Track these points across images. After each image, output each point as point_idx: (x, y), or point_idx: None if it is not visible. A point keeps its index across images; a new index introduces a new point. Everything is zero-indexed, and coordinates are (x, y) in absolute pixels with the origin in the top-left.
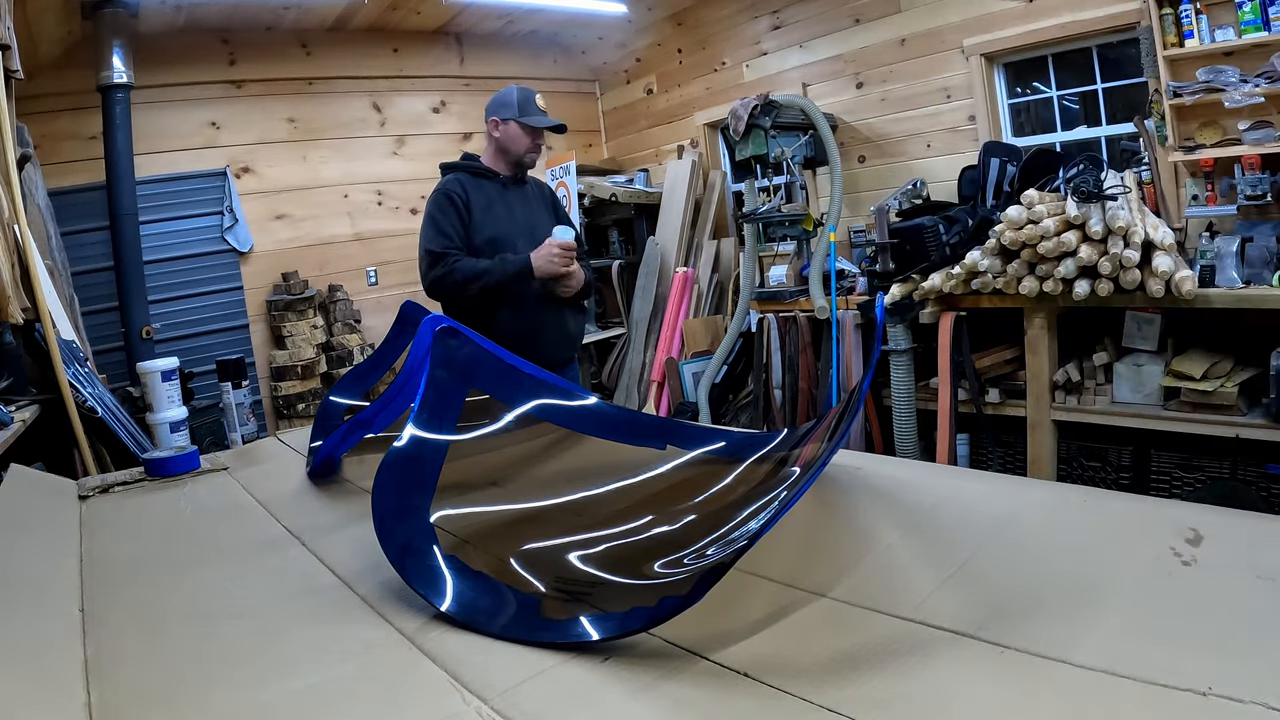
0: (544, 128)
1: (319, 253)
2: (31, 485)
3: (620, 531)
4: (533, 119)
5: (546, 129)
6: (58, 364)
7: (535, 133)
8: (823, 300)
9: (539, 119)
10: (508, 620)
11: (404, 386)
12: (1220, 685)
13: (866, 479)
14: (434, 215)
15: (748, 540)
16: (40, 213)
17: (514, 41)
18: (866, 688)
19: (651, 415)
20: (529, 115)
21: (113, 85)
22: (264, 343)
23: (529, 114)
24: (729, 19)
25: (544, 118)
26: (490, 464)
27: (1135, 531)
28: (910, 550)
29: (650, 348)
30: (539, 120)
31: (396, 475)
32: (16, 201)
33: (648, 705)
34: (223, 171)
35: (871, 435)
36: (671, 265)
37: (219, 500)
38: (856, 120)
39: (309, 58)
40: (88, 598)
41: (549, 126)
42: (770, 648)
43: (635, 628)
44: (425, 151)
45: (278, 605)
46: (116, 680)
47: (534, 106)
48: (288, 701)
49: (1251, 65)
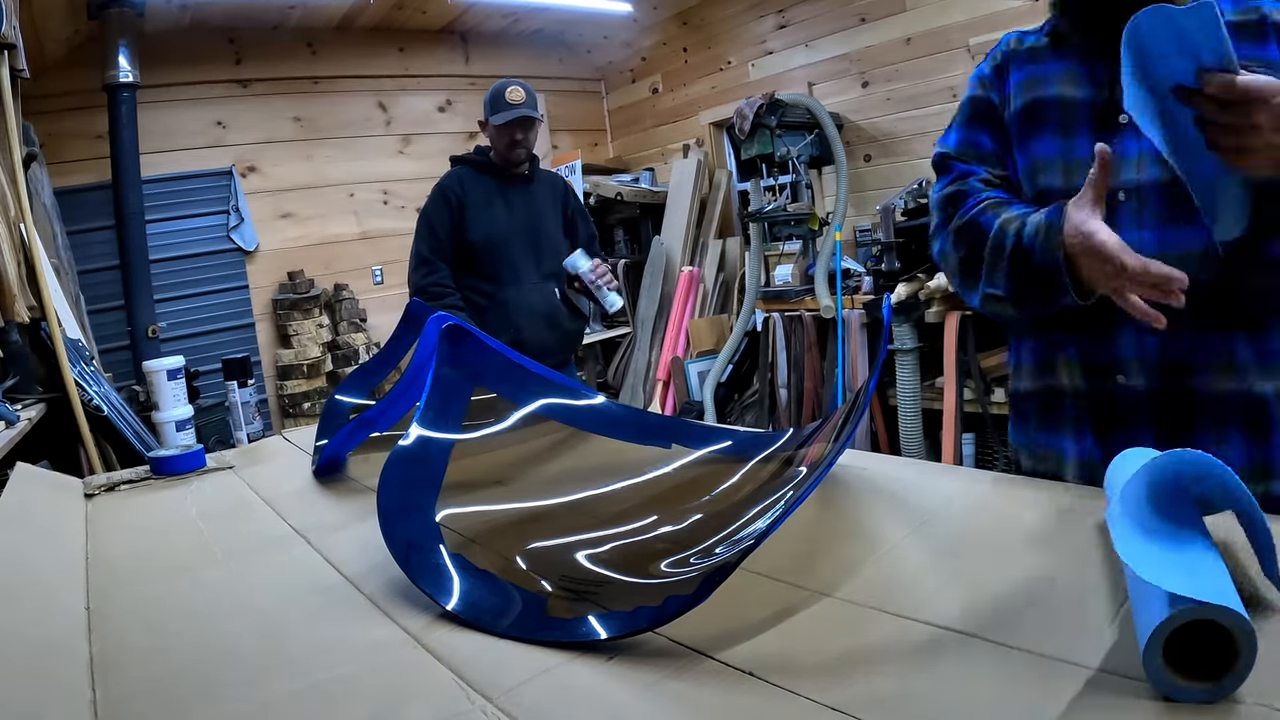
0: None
1: (324, 252)
2: (37, 483)
3: (626, 530)
4: (498, 115)
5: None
6: (64, 363)
7: (509, 128)
8: (828, 299)
9: (503, 115)
10: (513, 619)
11: (409, 385)
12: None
13: (872, 479)
14: (429, 214)
15: (754, 540)
16: (46, 211)
17: (519, 40)
18: (871, 687)
19: (657, 414)
20: (497, 112)
21: (118, 84)
22: (270, 341)
23: (498, 110)
24: (734, 18)
25: (507, 112)
26: (496, 463)
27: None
28: (915, 550)
29: (656, 347)
30: (502, 117)
31: (402, 474)
32: (23, 200)
33: (652, 703)
34: (228, 170)
35: (877, 435)
36: (677, 264)
37: (225, 498)
38: (862, 119)
39: (314, 57)
40: (93, 596)
41: (508, 120)
42: (775, 647)
43: (641, 627)
44: (431, 151)
45: (283, 604)
46: (122, 678)
47: (503, 102)
48: (293, 700)
49: None
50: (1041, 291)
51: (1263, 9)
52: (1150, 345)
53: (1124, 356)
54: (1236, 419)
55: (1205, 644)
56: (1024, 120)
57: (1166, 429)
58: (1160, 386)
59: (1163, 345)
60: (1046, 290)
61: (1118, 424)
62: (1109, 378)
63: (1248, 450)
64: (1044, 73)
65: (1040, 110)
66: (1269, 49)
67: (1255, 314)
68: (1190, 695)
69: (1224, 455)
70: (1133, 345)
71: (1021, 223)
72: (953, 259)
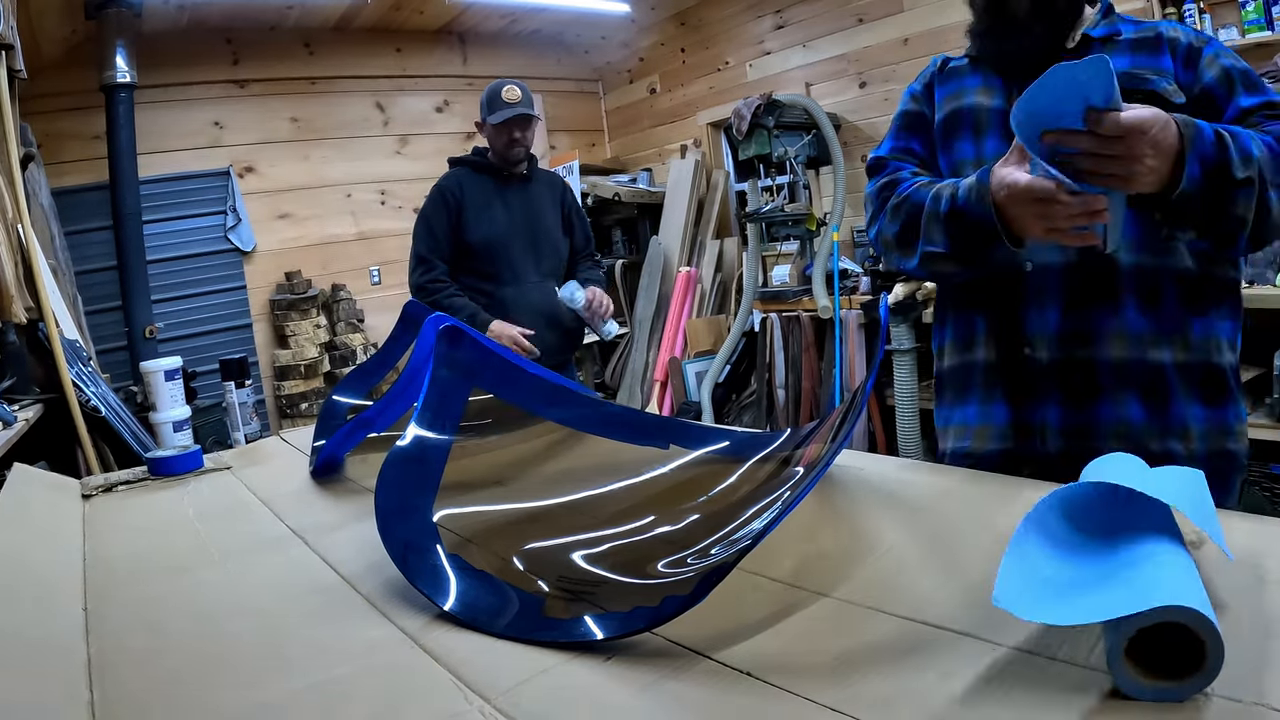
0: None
1: (322, 252)
2: (35, 484)
3: (623, 531)
4: (495, 115)
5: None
6: (61, 363)
7: (506, 127)
8: (826, 300)
9: (500, 114)
10: (511, 619)
11: (407, 386)
12: (1221, 686)
13: (869, 479)
14: (427, 215)
15: (751, 540)
16: (44, 212)
17: (517, 41)
18: (868, 687)
19: (655, 415)
20: (494, 112)
21: (116, 85)
22: (267, 342)
23: (494, 109)
24: (732, 18)
25: (505, 110)
26: (493, 463)
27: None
28: (912, 550)
29: (653, 347)
30: (499, 115)
31: (399, 474)
32: (20, 201)
33: (650, 703)
34: (226, 171)
35: (874, 435)
36: (675, 265)
37: (222, 499)
38: (860, 119)
39: (312, 57)
40: (91, 596)
41: (506, 119)
42: (772, 647)
43: (638, 627)
44: (428, 151)
45: (280, 604)
46: (119, 679)
47: (499, 101)
48: (290, 701)
49: (1255, 65)
50: (977, 242)
51: (1159, 28)
52: (1053, 320)
53: (1030, 331)
54: (1136, 385)
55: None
56: (946, 127)
57: (1071, 396)
58: (1063, 357)
59: (1064, 319)
60: (982, 241)
61: (1027, 393)
62: (1018, 350)
63: (1147, 414)
64: (963, 87)
65: (959, 118)
66: (1162, 59)
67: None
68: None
69: (1125, 418)
70: (1038, 320)
71: (955, 187)
72: (890, 231)
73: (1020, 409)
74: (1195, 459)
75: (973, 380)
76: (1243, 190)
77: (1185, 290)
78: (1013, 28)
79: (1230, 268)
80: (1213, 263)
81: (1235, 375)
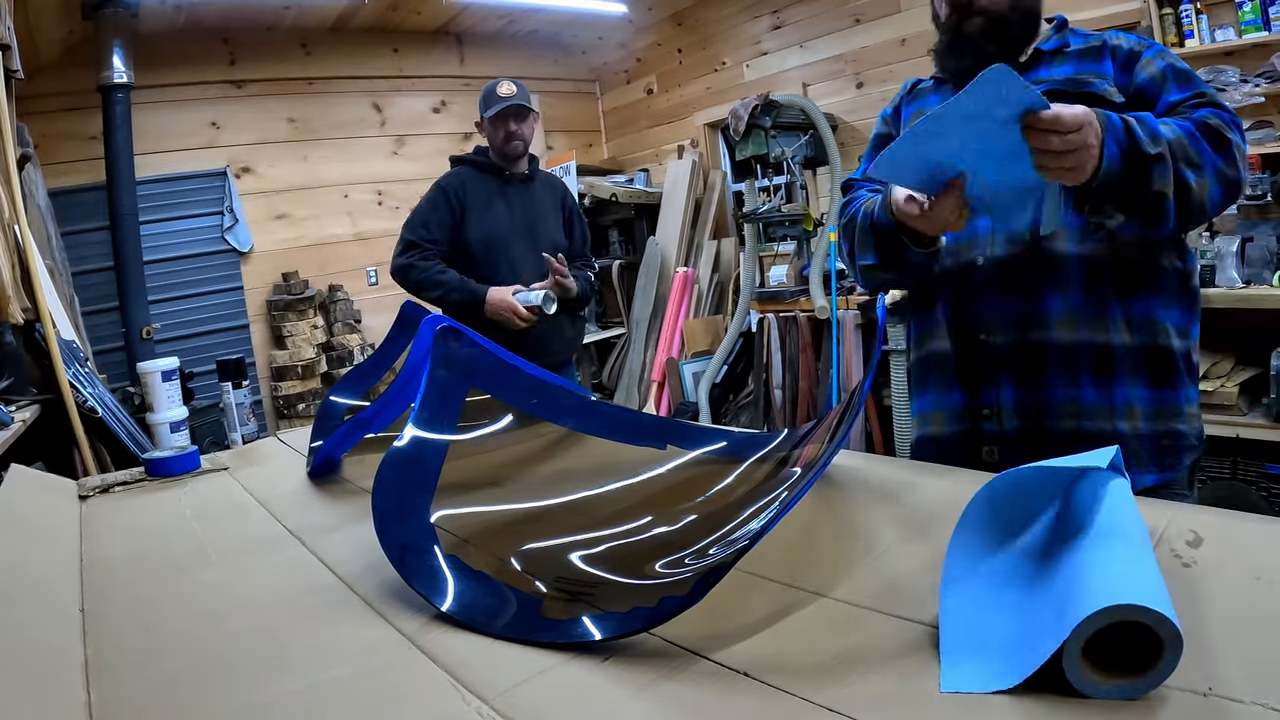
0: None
1: (319, 253)
2: (31, 485)
3: (621, 531)
4: (491, 109)
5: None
6: (58, 364)
7: (503, 121)
8: (823, 300)
9: (495, 107)
10: (508, 620)
11: (404, 386)
12: (1220, 686)
13: (867, 479)
14: (424, 208)
15: (749, 540)
16: (40, 213)
17: (514, 41)
18: (866, 687)
19: (652, 415)
20: (490, 107)
21: (113, 85)
22: (264, 343)
23: (490, 105)
24: (729, 19)
25: (500, 104)
26: (491, 464)
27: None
28: (910, 551)
29: (651, 348)
30: (495, 109)
31: (397, 475)
32: (17, 202)
33: (648, 704)
34: (223, 171)
35: (871, 435)
36: (672, 265)
37: (219, 500)
38: (857, 120)
39: (309, 58)
40: (88, 598)
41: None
42: (770, 647)
43: (636, 628)
44: (426, 151)
45: (278, 605)
46: (116, 680)
47: (495, 97)
48: (288, 701)
49: (1252, 65)
50: (893, 250)
51: (1104, 38)
52: (1005, 306)
53: (984, 318)
54: (1085, 366)
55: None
56: None
57: (1024, 377)
58: (1017, 339)
59: (1015, 305)
60: (896, 248)
61: (982, 375)
62: (974, 337)
63: (1095, 393)
64: (925, 105)
65: None
66: (1104, 64)
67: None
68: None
69: (1075, 398)
70: (991, 306)
71: (874, 204)
72: (845, 249)
73: (975, 391)
74: (1142, 437)
75: (932, 369)
76: (1156, 165)
77: (1125, 276)
78: (968, 46)
79: (1176, 258)
80: (1156, 252)
81: (1185, 360)
